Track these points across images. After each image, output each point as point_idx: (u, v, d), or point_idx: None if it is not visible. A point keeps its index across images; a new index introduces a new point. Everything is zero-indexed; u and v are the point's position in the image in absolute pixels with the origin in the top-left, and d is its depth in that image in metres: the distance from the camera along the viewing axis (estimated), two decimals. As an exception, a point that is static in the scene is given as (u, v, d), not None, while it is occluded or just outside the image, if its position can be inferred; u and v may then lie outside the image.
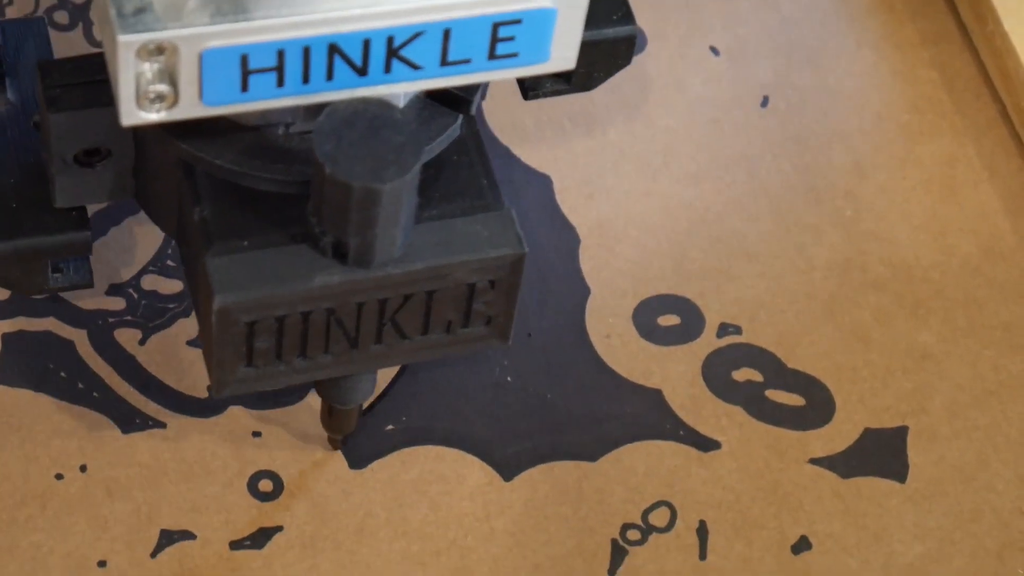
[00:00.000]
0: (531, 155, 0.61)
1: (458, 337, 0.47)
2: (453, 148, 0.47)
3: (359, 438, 0.55)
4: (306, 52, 0.43)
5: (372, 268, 0.44)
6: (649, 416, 0.56)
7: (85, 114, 0.46)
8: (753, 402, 0.57)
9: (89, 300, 0.57)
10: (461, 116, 0.47)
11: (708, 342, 0.58)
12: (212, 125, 0.45)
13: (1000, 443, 0.57)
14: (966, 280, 0.60)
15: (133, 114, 0.43)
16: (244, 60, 0.43)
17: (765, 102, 0.63)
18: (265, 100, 0.44)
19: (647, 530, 0.54)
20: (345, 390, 0.51)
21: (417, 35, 0.43)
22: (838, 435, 0.56)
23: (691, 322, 0.58)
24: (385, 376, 0.56)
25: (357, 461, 0.55)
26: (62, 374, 0.55)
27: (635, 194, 0.60)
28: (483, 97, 0.48)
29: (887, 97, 0.63)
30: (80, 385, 0.55)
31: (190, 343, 0.56)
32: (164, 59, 0.42)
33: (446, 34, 0.44)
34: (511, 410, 0.56)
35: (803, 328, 0.58)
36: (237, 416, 0.55)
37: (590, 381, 0.57)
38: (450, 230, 0.45)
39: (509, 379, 0.57)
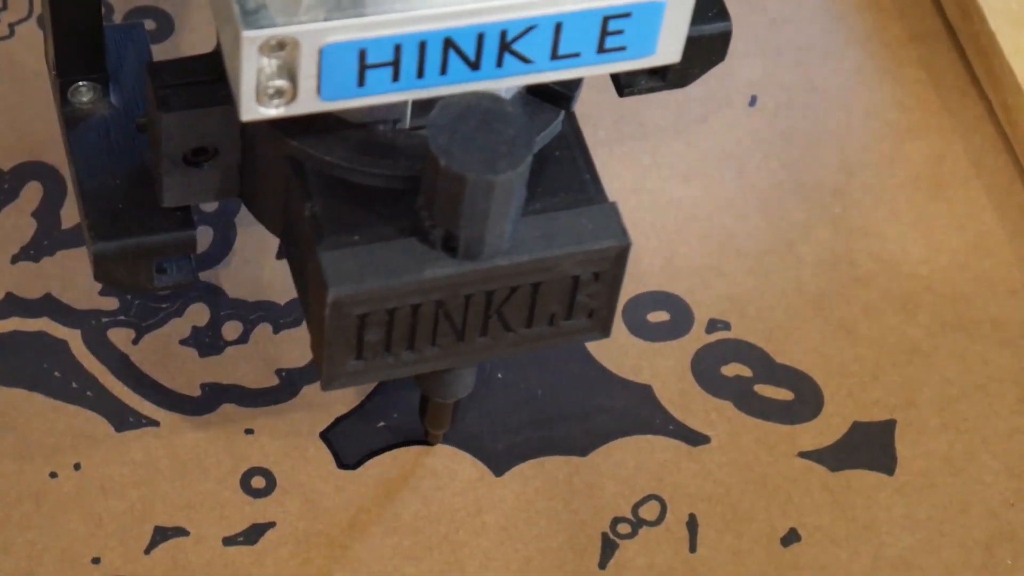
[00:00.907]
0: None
1: (560, 329, 0.48)
2: (555, 143, 0.48)
3: (350, 435, 0.56)
4: (422, 46, 0.44)
5: (481, 260, 0.46)
6: (639, 411, 0.57)
7: (195, 113, 0.47)
8: (742, 397, 0.57)
9: (83, 300, 0.57)
10: (563, 112, 0.48)
11: (697, 338, 0.58)
12: (322, 122, 0.46)
13: (988, 436, 0.57)
14: (954, 276, 0.60)
15: (253, 110, 0.44)
16: (362, 55, 0.44)
17: (753, 101, 0.63)
18: (381, 95, 0.44)
19: (637, 524, 0.55)
20: (447, 384, 0.51)
21: (529, 29, 0.44)
22: (827, 429, 0.57)
23: (680, 318, 0.59)
24: (376, 373, 0.57)
25: (349, 458, 0.55)
26: (56, 373, 0.56)
27: (624, 192, 0.61)
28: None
29: (874, 95, 0.64)
30: (74, 384, 0.56)
31: (183, 342, 0.57)
32: (284, 54, 0.43)
33: (557, 28, 0.45)
34: (502, 405, 0.56)
35: (792, 324, 0.59)
36: (230, 414, 0.56)
37: (580, 377, 0.57)
38: (556, 223, 0.46)
39: (500, 375, 0.57)
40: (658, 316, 0.59)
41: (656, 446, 0.56)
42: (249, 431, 0.55)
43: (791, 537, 0.55)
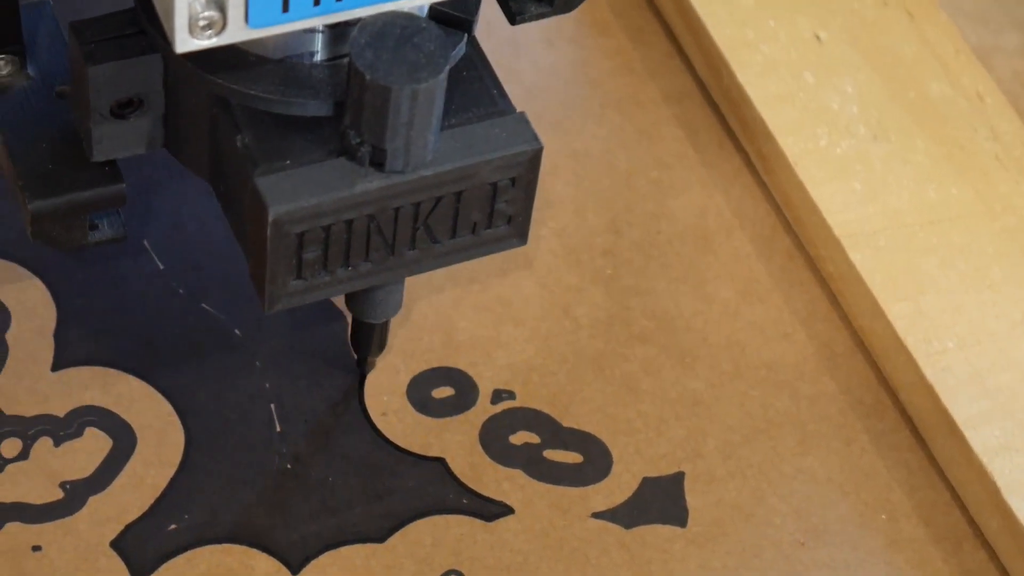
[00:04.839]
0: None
1: (482, 239, 0.52)
2: (462, 65, 0.51)
3: (142, 541, 0.55)
4: None
5: (407, 173, 0.49)
6: (432, 488, 0.57)
7: (120, 64, 0.50)
8: (532, 464, 0.58)
9: None
10: (466, 34, 0.51)
11: (484, 409, 0.59)
12: (244, 60, 0.50)
13: (774, 478, 0.58)
14: (727, 325, 0.61)
15: (187, 42, 0.47)
16: None
17: (518, 171, 0.64)
18: (304, 19, 0.48)
19: (439, 601, 0.55)
20: (378, 303, 0.55)
21: None
22: (617, 487, 0.58)
23: (465, 391, 0.59)
24: (163, 475, 0.56)
25: (141, 566, 0.54)
26: None
27: (398, 272, 0.61)
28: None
29: (635, 155, 0.65)
30: None
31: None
32: None
33: None
34: (292, 496, 0.56)
35: (575, 387, 0.60)
36: (15, 532, 0.54)
37: (370, 459, 0.57)
38: (472, 134, 0.50)
39: (289, 466, 0.57)
40: (443, 391, 0.59)
41: (451, 522, 0.56)
42: (36, 548, 0.54)
43: (592, 598, 0.55)
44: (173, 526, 0.55)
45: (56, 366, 0.58)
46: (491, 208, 0.51)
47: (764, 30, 0.66)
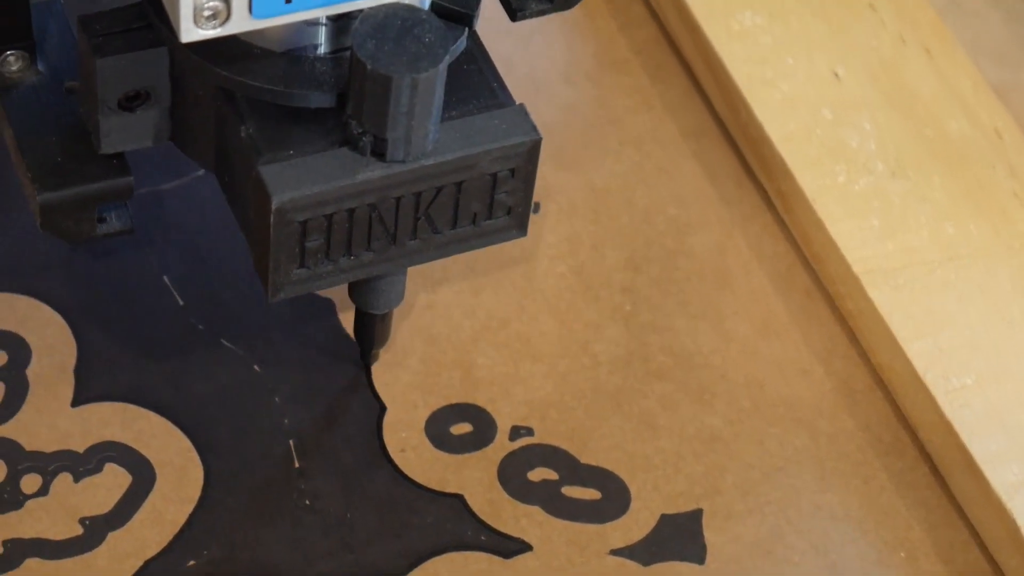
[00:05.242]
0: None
1: (482, 230, 0.53)
2: (463, 59, 0.52)
3: (162, 577, 0.55)
4: None
5: (407, 162, 0.50)
6: (450, 525, 0.57)
7: (127, 57, 0.51)
8: (551, 500, 0.58)
9: None
10: (467, 29, 0.51)
11: (502, 445, 0.59)
12: (249, 53, 0.51)
13: (792, 515, 0.58)
14: (746, 362, 0.61)
15: (191, 31, 0.48)
16: None
17: (536, 208, 0.64)
18: (306, 10, 0.49)
19: (457, 638, 0.55)
20: (381, 293, 0.56)
21: None
22: (635, 524, 0.58)
23: (483, 428, 0.59)
24: (182, 512, 0.56)
25: (162, 600, 0.55)
26: None
27: (418, 307, 0.61)
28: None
29: (653, 192, 0.65)
30: None
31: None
32: None
33: None
34: (311, 533, 0.56)
35: (593, 423, 0.60)
36: (34, 568, 0.55)
37: (389, 496, 0.57)
38: (472, 125, 0.51)
39: (308, 502, 0.57)
40: (461, 428, 0.59)
41: (470, 558, 0.56)
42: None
43: (610, 635, 0.55)
44: (192, 562, 0.55)
45: (76, 402, 0.58)
46: (491, 199, 0.52)
47: (782, 68, 0.66)
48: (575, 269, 0.63)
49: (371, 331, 0.58)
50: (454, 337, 0.61)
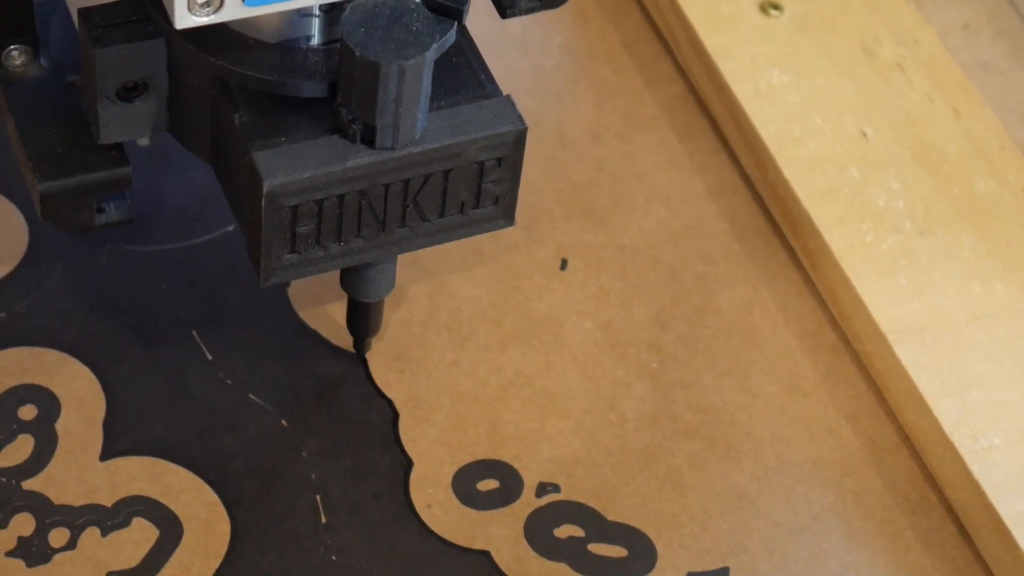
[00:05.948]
0: (341, 335, 0.62)
1: (470, 218, 0.54)
2: (452, 52, 0.53)
3: (188, 631, 0.55)
4: None
5: (396, 149, 0.51)
6: (476, 581, 0.57)
7: (126, 48, 0.52)
8: (577, 557, 0.58)
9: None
10: (456, 23, 0.52)
11: (528, 502, 0.59)
12: (243, 44, 0.52)
13: (819, 574, 0.58)
14: (772, 420, 0.61)
15: (186, 18, 0.50)
16: None
17: (564, 265, 0.64)
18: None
19: None
20: (371, 281, 0.57)
21: None
22: (662, 582, 0.58)
23: (510, 484, 0.59)
24: (209, 567, 0.56)
25: (187, 655, 0.55)
26: None
27: (444, 364, 0.62)
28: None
29: (681, 250, 0.65)
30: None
31: (8, 554, 0.56)
32: None
33: None
34: (337, 588, 0.56)
35: (620, 480, 0.60)
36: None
37: (415, 552, 0.57)
38: (460, 115, 0.52)
39: (334, 558, 0.57)
40: (488, 484, 0.59)
41: (495, 615, 0.56)
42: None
43: None
44: (218, 617, 0.55)
45: (105, 456, 0.58)
46: (478, 188, 0.53)
47: (810, 127, 0.66)
48: (602, 326, 0.63)
49: (364, 320, 0.59)
50: (481, 393, 0.61)
